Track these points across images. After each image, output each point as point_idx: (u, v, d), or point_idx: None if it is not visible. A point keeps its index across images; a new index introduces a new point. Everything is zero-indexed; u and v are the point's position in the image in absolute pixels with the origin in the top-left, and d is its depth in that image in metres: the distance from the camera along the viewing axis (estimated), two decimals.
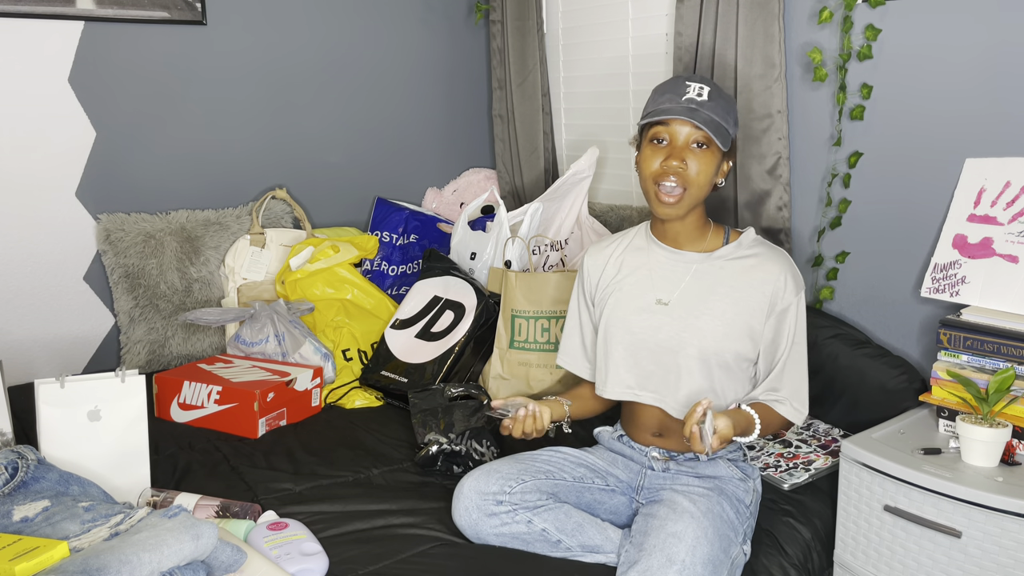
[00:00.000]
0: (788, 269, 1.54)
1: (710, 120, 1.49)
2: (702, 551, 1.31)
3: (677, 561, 1.29)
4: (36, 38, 2.18)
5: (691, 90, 1.52)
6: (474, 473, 1.50)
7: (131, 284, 2.30)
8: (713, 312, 1.52)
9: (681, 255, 1.58)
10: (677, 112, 1.49)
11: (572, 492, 1.53)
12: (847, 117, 1.86)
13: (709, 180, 1.52)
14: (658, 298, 1.57)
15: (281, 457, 1.78)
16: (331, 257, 2.38)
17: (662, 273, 1.58)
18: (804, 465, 1.67)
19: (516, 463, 1.52)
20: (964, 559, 1.32)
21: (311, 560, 1.33)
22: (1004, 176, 1.61)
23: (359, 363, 2.25)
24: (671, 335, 1.54)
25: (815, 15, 1.88)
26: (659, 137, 1.53)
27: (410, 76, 2.82)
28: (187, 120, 2.44)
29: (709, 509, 1.41)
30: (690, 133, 1.50)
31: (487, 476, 1.48)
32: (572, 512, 1.47)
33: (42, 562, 1.10)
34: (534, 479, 1.49)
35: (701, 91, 1.52)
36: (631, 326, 1.58)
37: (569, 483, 1.53)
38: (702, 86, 1.53)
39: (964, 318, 1.53)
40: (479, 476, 1.48)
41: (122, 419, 1.52)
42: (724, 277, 1.54)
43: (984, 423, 1.38)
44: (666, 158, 1.51)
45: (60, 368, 2.31)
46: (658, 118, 1.51)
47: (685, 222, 1.56)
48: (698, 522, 1.36)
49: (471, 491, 1.46)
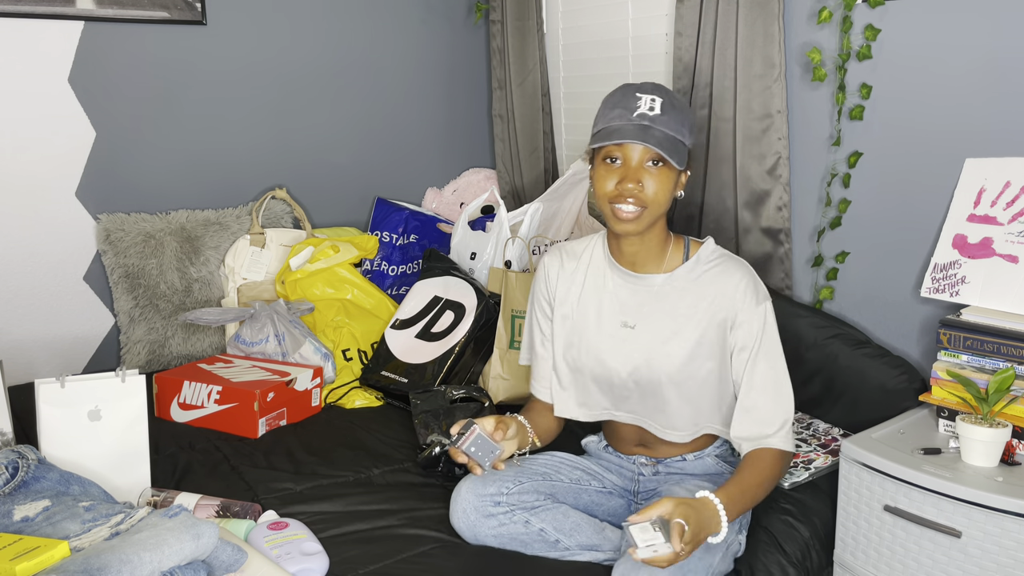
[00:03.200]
0: (746, 279, 1.47)
1: (664, 138, 1.41)
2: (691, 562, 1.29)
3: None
4: (36, 38, 2.18)
5: (642, 103, 1.43)
6: (471, 476, 1.49)
7: (131, 284, 2.30)
8: (680, 335, 1.48)
9: (641, 279, 1.52)
10: (629, 135, 1.41)
11: (570, 493, 1.52)
12: (846, 117, 1.86)
13: (668, 197, 1.45)
14: (624, 321, 1.53)
15: (281, 457, 1.78)
16: (331, 257, 2.38)
17: (623, 297, 1.54)
18: (804, 464, 1.67)
19: (513, 466, 1.52)
20: (964, 559, 1.32)
21: (311, 560, 1.33)
22: (1004, 176, 1.61)
23: (359, 363, 2.25)
24: (641, 364, 1.51)
25: (814, 15, 1.88)
26: (612, 156, 1.45)
27: (410, 76, 2.82)
28: (187, 120, 2.44)
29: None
30: (643, 153, 1.42)
31: (484, 478, 1.47)
32: (570, 512, 1.47)
33: (43, 562, 1.10)
34: (531, 480, 1.49)
35: (653, 104, 1.43)
36: (601, 356, 1.54)
37: (567, 485, 1.53)
38: (654, 98, 1.43)
39: (964, 318, 1.53)
40: (476, 478, 1.47)
41: (122, 419, 1.52)
42: (686, 296, 1.49)
43: (984, 423, 1.38)
44: (620, 180, 1.43)
45: (60, 368, 2.31)
46: (608, 143, 1.43)
47: (645, 239, 1.49)
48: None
49: (468, 492, 1.46)
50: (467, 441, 1.38)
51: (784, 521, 1.54)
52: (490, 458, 1.39)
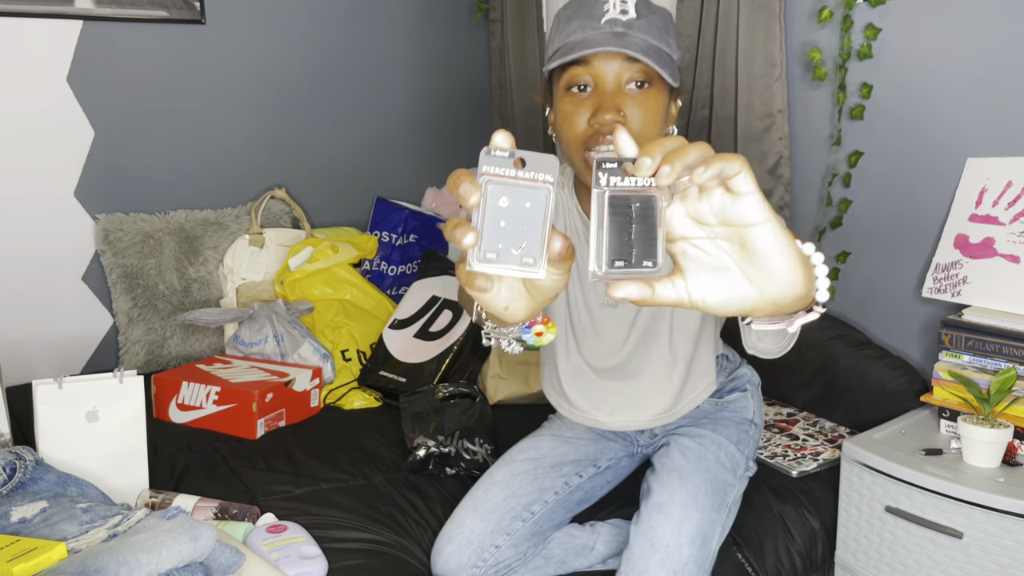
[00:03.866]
0: None
1: (647, 46, 1.07)
2: (690, 525, 1.24)
3: (660, 547, 1.22)
4: (35, 37, 2.17)
5: (610, 6, 1.08)
6: (447, 540, 1.36)
7: (130, 284, 2.30)
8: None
9: None
10: (599, 42, 1.06)
11: (560, 508, 1.43)
12: (847, 116, 1.86)
13: (659, 131, 1.11)
14: (605, 300, 1.35)
15: (280, 458, 1.77)
16: (330, 257, 2.38)
17: None
18: (812, 456, 1.68)
19: (490, 515, 1.36)
20: (965, 560, 1.31)
21: (310, 563, 1.32)
22: (1006, 176, 1.60)
23: (358, 364, 2.24)
24: (649, 319, 1.35)
25: (815, 14, 1.88)
26: (578, 83, 1.10)
27: (410, 75, 2.81)
28: (186, 119, 2.43)
29: (702, 456, 1.33)
30: (621, 69, 1.08)
31: (459, 547, 1.34)
32: (551, 546, 1.42)
33: (40, 563, 1.10)
34: (507, 536, 1.36)
35: (625, 6, 1.09)
36: (596, 320, 1.36)
37: (552, 503, 1.41)
38: (624, 0, 1.09)
39: (965, 318, 1.53)
40: (452, 548, 1.35)
41: (120, 420, 1.51)
42: None
43: (986, 424, 1.38)
44: (595, 112, 1.09)
45: (58, 368, 2.30)
46: (573, 56, 1.07)
47: None
48: (687, 482, 1.28)
49: (445, 567, 1.35)
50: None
51: (796, 509, 1.55)
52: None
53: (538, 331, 0.81)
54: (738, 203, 0.56)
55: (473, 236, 0.55)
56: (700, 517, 1.26)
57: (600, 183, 0.56)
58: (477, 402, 1.84)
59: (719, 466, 1.35)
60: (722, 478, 1.34)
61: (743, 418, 1.45)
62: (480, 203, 0.56)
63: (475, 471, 1.66)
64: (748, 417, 1.46)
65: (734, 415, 1.46)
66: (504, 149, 0.57)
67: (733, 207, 0.56)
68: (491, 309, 0.63)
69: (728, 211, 0.57)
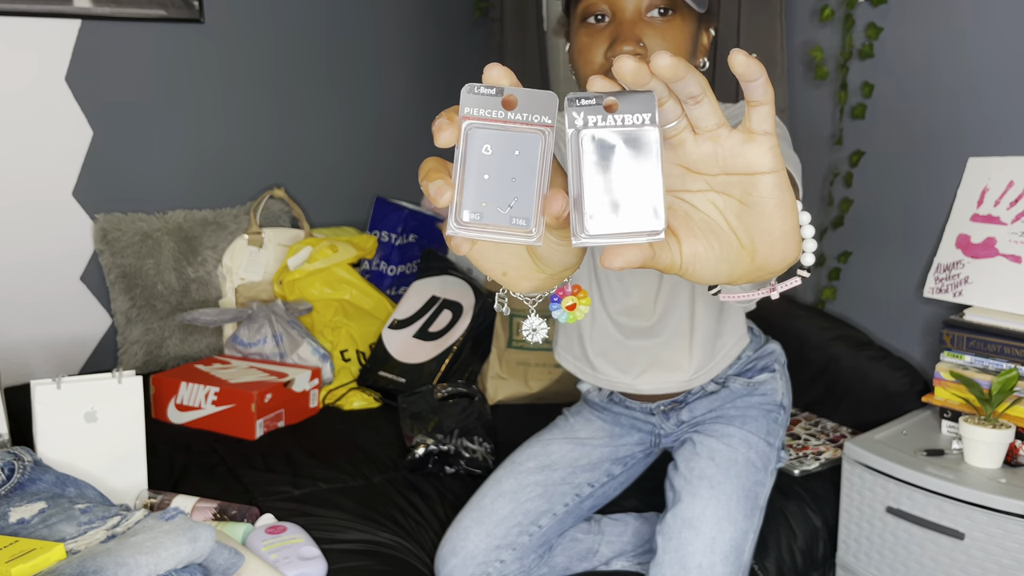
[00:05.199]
0: None
1: None
2: (724, 540, 1.18)
3: (693, 568, 1.18)
4: (33, 36, 2.17)
5: None
6: (451, 552, 1.34)
7: (128, 284, 2.29)
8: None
9: None
10: None
11: (569, 518, 1.40)
12: (848, 116, 1.85)
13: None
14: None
15: (279, 459, 1.77)
16: (329, 257, 2.37)
17: None
18: (814, 455, 1.68)
19: (496, 529, 1.33)
20: (967, 561, 1.31)
21: (310, 564, 1.31)
22: (1007, 176, 1.60)
23: (357, 364, 2.24)
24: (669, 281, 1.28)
25: (816, 13, 1.87)
26: (595, 12, 1.04)
27: (410, 74, 2.81)
28: (184, 119, 2.43)
29: (732, 460, 1.25)
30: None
31: (463, 561, 1.32)
32: (555, 553, 1.40)
33: (38, 564, 1.09)
34: (513, 551, 1.33)
35: None
36: (623, 276, 1.28)
37: (562, 515, 1.38)
38: None
39: (967, 319, 1.52)
40: (456, 562, 1.32)
41: (119, 420, 1.51)
42: None
43: (987, 424, 1.38)
44: (613, 42, 1.02)
45: (57, 369, 2.29)
46: None
47: None
48: (719, 492, 1.21)
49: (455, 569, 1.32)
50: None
51: (798, 506, 1.56)
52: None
53: (569, 303, 0.60)
54: (751, 146, 0.46)
55: (449, 194, 0.45)
56: (733, 530, 1.21)
57: (576, 123, 0.45)
58: (476, 401, 1.84)
59: (750, 468, 1.28)
60: (754, 479, 1.27)
61: (773, 403, 1.35)
62: (460, 152, 0.45)
63: (474, 469, 1.65)
64: (778, 400, 1.36)
65: (763, 400, 1.35)
66: (491, 87, 0.46)
67: (743, 150, 0.47)
68: (486, 271, 0.52)
69: (737, 155, 0.47)
